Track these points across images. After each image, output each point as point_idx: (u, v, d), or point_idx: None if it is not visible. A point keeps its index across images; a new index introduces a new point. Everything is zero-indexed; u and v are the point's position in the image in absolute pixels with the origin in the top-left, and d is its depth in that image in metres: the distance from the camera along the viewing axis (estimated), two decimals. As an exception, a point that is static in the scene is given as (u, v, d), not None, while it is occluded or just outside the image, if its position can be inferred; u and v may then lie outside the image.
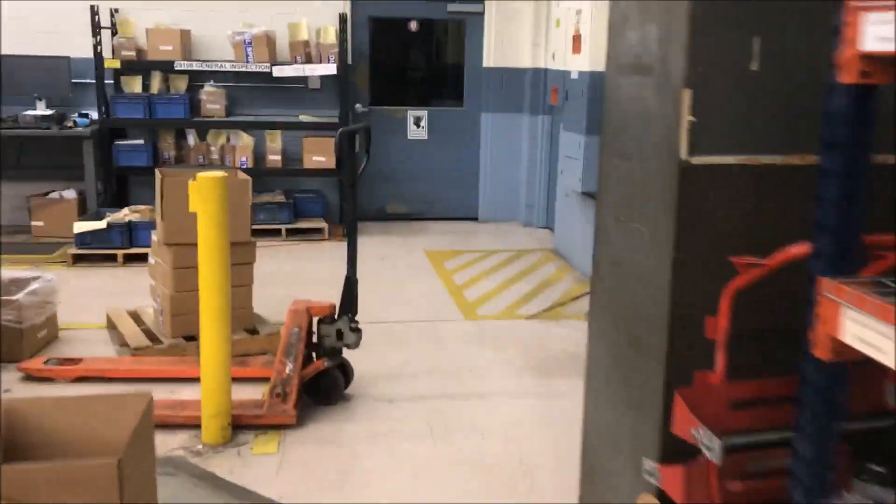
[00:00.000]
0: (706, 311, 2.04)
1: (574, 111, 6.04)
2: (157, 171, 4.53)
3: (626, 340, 2.42)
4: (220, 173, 3.41)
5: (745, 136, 2.15)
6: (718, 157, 2.14)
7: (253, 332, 4.59)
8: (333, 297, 4.00)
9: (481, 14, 8.12)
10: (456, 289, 6.02)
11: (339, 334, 3.88)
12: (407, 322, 5.24)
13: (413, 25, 8.27)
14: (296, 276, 6.15)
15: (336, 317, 3.90)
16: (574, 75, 6.03)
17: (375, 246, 7.17)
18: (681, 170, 2.12)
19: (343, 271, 3.98)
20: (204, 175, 3.37)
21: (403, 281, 6.19)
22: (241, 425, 3.60)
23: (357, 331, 3.91)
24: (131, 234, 6.34)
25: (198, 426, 3.54)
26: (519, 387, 4.23)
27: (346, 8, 7.70)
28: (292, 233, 7.38)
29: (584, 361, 4.50)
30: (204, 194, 3.35)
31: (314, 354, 3.93)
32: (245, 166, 7.28)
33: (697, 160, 2.12)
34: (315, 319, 3.89)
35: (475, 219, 8.46)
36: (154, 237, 4.61)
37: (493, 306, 5.63)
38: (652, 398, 2.24)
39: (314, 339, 3.92)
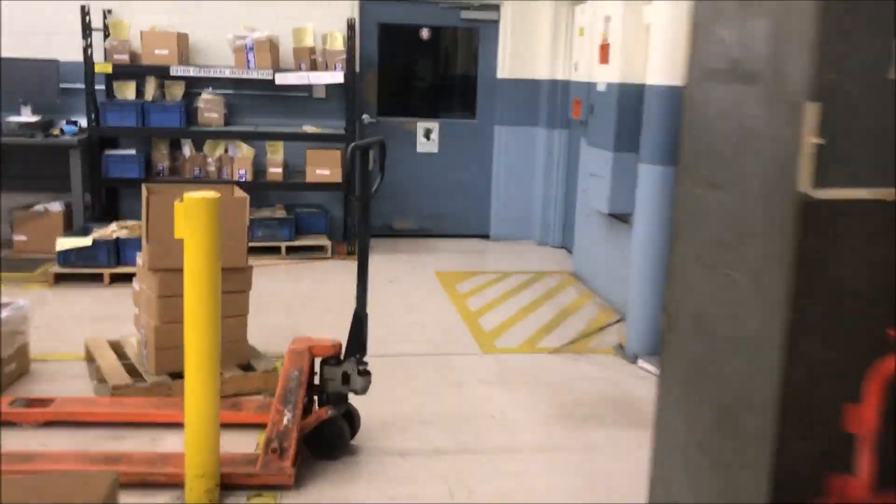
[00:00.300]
0: (832, 392, 1.55)
1: (601, 126, 5.58)
2: (143, 186, 4.05)
3: (713, 416, 1.92)
4: (211, 193, 2.93)
5: (884, 164, 1.67)
6: (850, 190, 1.66)
7: (247, 368, 4.10)
8: (338, 325, 3.53)
9: (496, 22, 7.66)
10: (471, 316, 5.53)
11: (346, 378, 3.39)
12: (419, 356, 4.75)
13: (425, 33, 7.81)
14: (296, 300, 5.67)
15: (342, 357, 3.41)
16: (601, 87, 5.57)
17: (383, 266, 6.69)
18: (800, 206, 1.64)
19: (350, 294, 3.49)
20: (193, 195, 2.89)
21: (414, 307, 5.70)
22: (231, 485, 3.11)
23: (366, 374, 3.42)
24: (119, 251, 5.85)
25: (181, 485, 3.05)
26: (548, 438, 3.73)
27: (355, 13, 7.24)
28: (293, 251, 6.89)
29: (620, 407, 4.00)
30: (192, 217, 2.87)
31: (316, 399, 3.45)
32: (244, 179, 6.79)
33: (823, 194, 1.64)
34: (318, 360, 3.40)
35: (487, 236, 7.98)
36: (139, 260, 4.12)
37: (512, 338, 5.14)
38: (753, 496, 1.75)
39: (316, 380, 3.43)
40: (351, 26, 6.87)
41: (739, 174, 1.84)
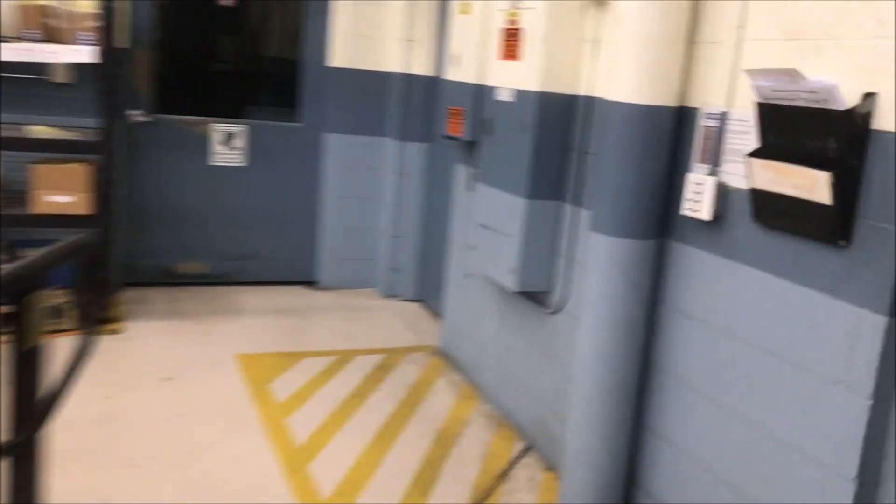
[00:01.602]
0: None
1: (505, 155, 3.61)
2: None
3: None
4: None
5: None
6: None
7: None
8: None
9: (329, -12, 5.52)
10: (296, 459, 3.40)
11: None
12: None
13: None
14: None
15: None
16: (503, 95, 3.60)
17: (153, 344, 4.39)
18: None
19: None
20: None
21: (200, 443, 3.47)
22: None
23: None
24: None
25: None
26: None
27: (117, -43, 4.82)
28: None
29: None
30: None
31: None
32: (-77, 210, 4.22)
33: None
34: None
35: (314, 283, 5.83)
36: None
37: (368, 510, 3.08)
38: None
39: None
40: (108, -23, 4.46)
41: None
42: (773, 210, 2.33)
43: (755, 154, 2.36)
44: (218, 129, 5.45)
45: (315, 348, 4.66)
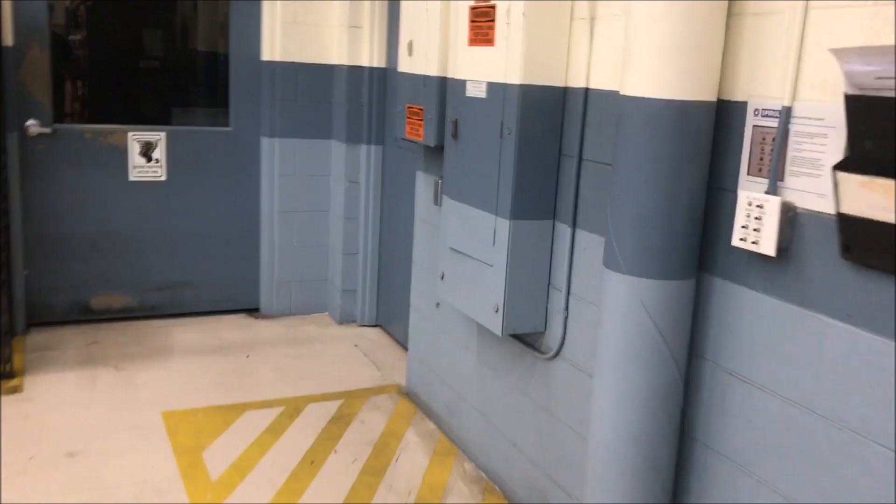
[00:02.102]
0: None
1: (479, 164, 2.90)
2: None
3: None
4: None
5: None
6: None
7: None
8: None
9: (259, -31, 4.74)
10: (234, 562, 2.67)
11: None
12: None
13: (137, -18, 4.73)
14: None
15: None
16: (475, 90, 2.89)
17: (60, 402, 3.61)
18: None
19: None
20: None
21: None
22: None
23: None
24: None
25: None
26: None
27: (-5, -63, 4.00)
28: None
29: None
30: None
31: None
32: None
33: None
34: None
35: (257, 310, 5.08)
36: None
37: None
38: None
39: None
40: (-19, -41, 3.65)
41: None
42: (873, 245, 1.67)
43: (845, 167, 1.70)
44: (135, 139, 4.65)
45: (258, 397, 3.91)
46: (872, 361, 1.73)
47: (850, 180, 1.68)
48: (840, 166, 1.71)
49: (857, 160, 1.68)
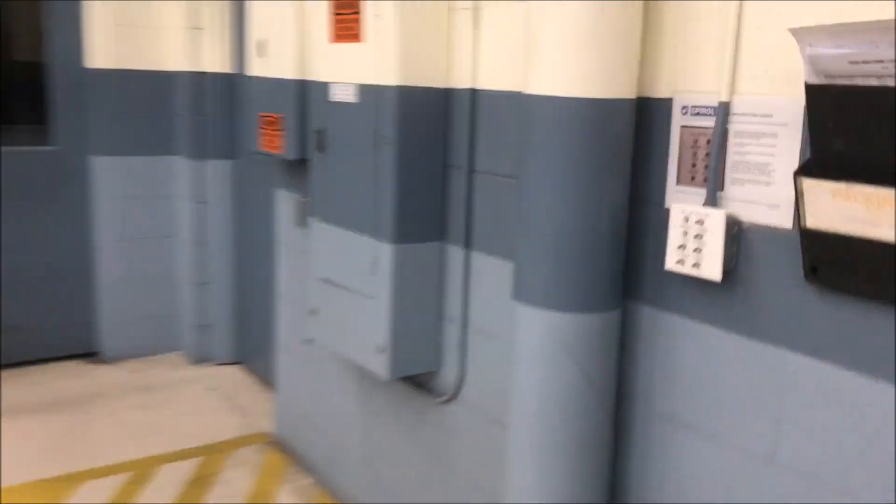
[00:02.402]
0: None
1: (351, 180, 2.48)
2: None
3: None
4: None
5: None
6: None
7: None
8: None
9: (78, -36, 4.11)
10: None
11: None
12: None
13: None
14: None
15: None
16: (342, 94, 2.47)
17: None
18: None
19: None
20: None
21: None
22: None
23: None
24: None
25: None
26: None
27: None
28: None
29: None
30: None
31: None
32: None
33: None
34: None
35: (95, 355, 4.42)
36: None
37: None
38: None
39: None
40: None
41: None
42: (850, 266, 1.39)
43: (810, 171, 1.41)
44: (-67, 163, 3.91)
45: (100, 462, 3.32)
46: (850, 403, 1.44)
47: (819, 189, 1.38)
48: (804, 171, 1.41)
49: (823, 163, 1.39)
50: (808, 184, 1.40)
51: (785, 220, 1.52)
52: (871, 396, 1.41)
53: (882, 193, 1.29)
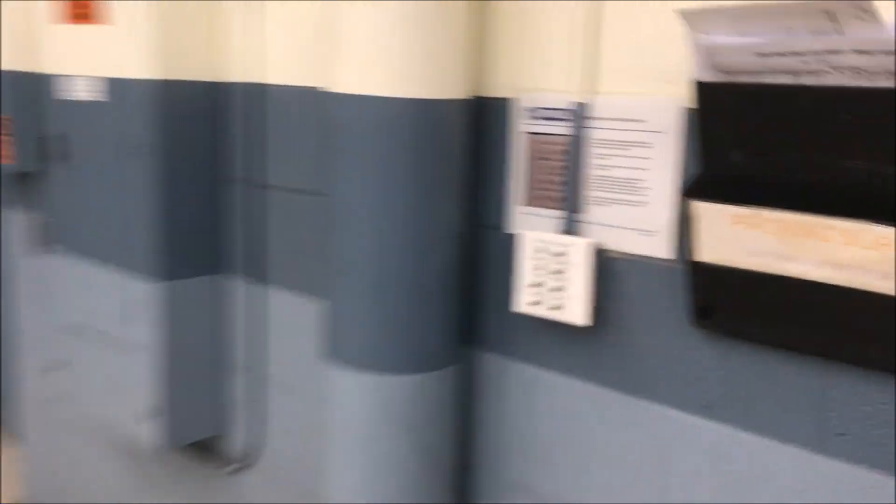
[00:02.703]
0: None
1: (101, 199, 1.94)
2: None
3: None
4: None
5: None
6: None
7: None
8: None
9: None
10: None
11: None
12: None
13: None
14: None
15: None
16: (83, 90, 1.92)
17: None
18: None
19: None
20: None
21: None
22: None
23: None
24: None
25: None
26: None
27: None
28: None
29: None
30: None
31: None
32: None
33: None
34: None
35: None
36: None
37: None
38: None
39: None
40: None
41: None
42: (749, 308, 1.11)
43: (703, 192, 1.12)
44: None
45: None
46: (753, 471, 1.18)
47: (716, 213, 1.10)
48: (696, 192, 1.12)
49: (719, 182, 1.11)
50: (703, 208, 1.11)
51: (663, 250, 1.23)
52: (778, 460, 1.15)
53: (800, 221, 1.02)
